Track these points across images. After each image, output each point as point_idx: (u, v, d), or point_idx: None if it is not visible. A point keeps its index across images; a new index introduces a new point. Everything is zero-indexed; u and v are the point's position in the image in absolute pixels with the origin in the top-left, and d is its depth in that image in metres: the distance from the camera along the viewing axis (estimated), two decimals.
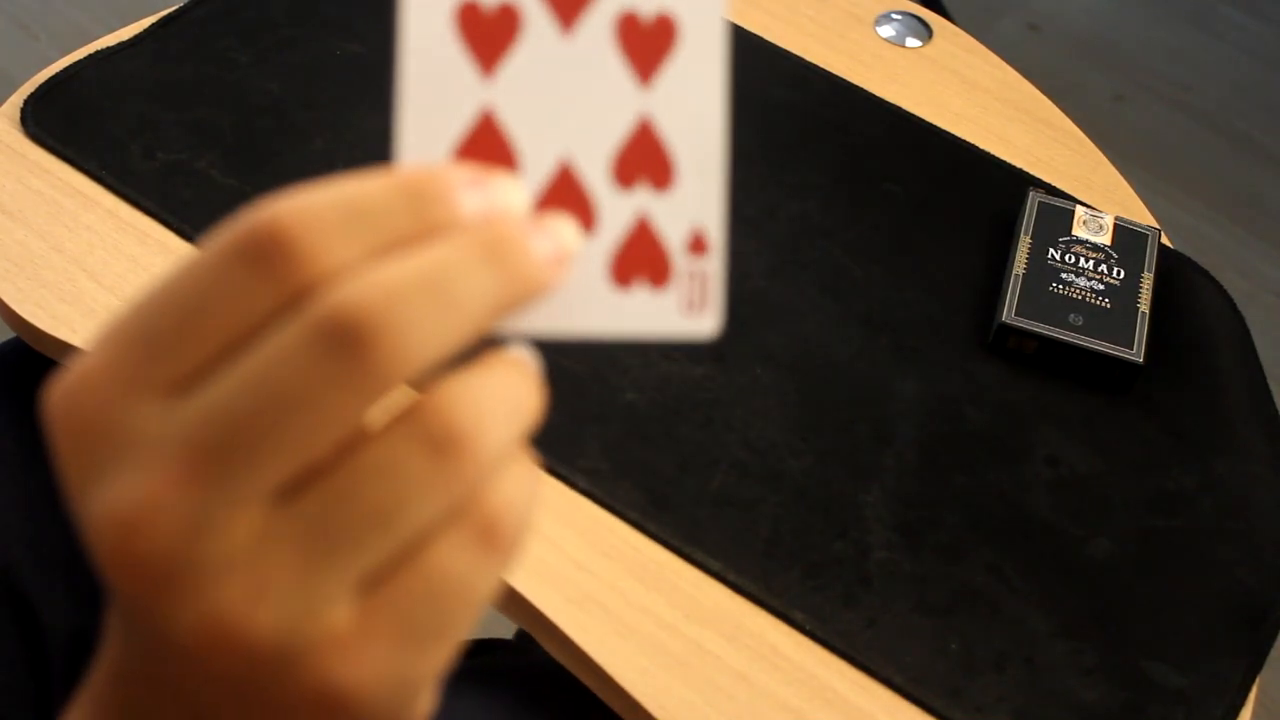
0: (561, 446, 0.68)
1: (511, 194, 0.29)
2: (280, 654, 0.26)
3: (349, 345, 0.25)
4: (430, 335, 0.26)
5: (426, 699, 0.28)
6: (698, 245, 0.31)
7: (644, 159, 0.30)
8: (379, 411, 0.26)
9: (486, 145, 0.30)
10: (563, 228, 0.29)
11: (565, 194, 0.30)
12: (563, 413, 0.69)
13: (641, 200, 0.30)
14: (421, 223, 0.27)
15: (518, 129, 0.30)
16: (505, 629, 1.10)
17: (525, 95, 0.30)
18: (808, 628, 0.63)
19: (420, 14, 0.29)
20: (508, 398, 0.27)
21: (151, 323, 0.26)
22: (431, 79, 0.29)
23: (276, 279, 0.25)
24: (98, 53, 0.83)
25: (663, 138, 0.30)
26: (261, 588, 0.25)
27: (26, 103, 0.79)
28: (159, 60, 0.84)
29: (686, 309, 0.31)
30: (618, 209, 0.30)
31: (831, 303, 0.77)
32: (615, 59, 0.30)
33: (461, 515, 0.27)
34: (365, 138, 0.81)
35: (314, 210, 0.26)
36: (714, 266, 0.31)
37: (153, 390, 0.26)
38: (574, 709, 0.64)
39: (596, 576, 0.64)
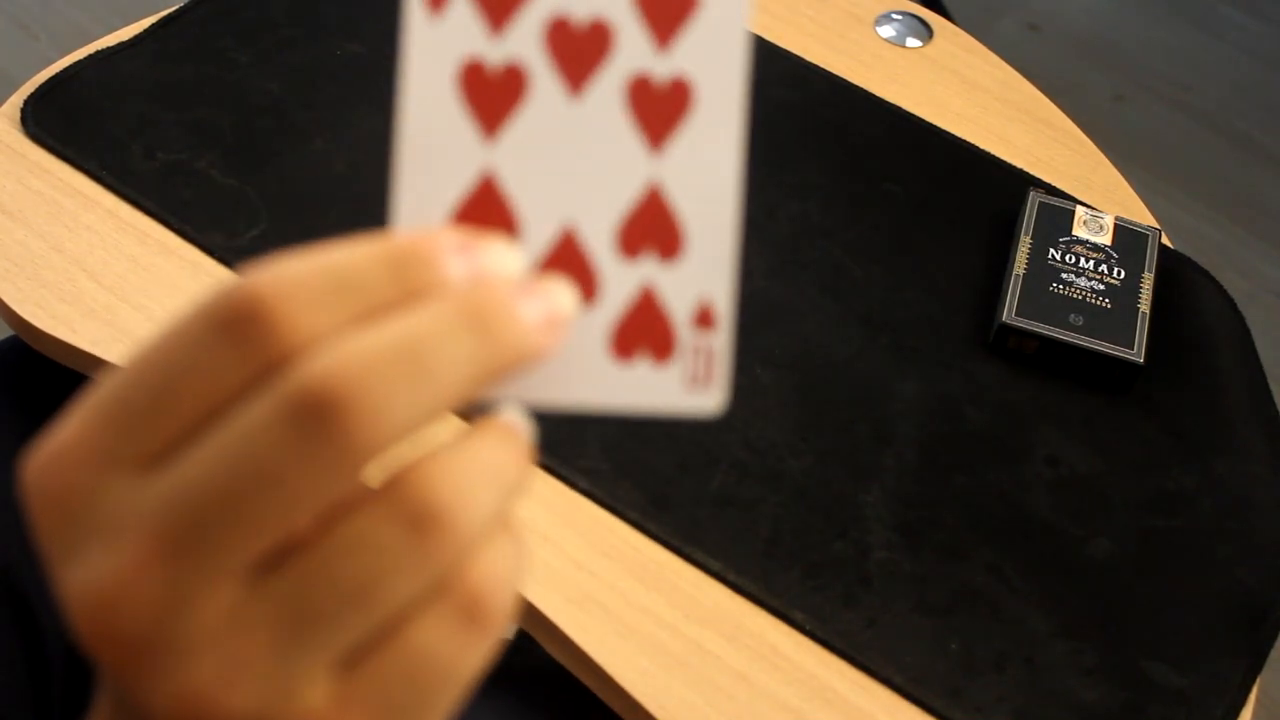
0: (561, 446, 0.68)
1: (504, 259, 0.28)
2: None
3: (320, 420, 0.24)
4: (406, 407, 0.25)
5: None
6: (704, 319, 0.30)
7: (651, 228, 0.29)
8: (374, 472, 0.26)
9: (486, 210, 0.29)
10: (557, 291, 0.28)
11: (567, 262, 0.29)
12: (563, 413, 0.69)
13: (647, 270, 0.29)
14: (404, 290, 0.26)
15: (520, 194, 0.29)
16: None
17: (529, 159, 0.29)
18: (808, 628, 0.63)
19: (422, 73, 0.28)
20: (492, 469, 0.26)
21: (127, 395, 0.25)
22: (431, 140, 0.28)
23: (251, 350, 0.25)
24: (98, 53, 0.83)
25: (672, 206, 0.29)
26: (236, 666, 0.25)
27: (26, 103, 0.79)
28: (159, 60, 0.84)
29: (690, 385, 0.30)
30: (621, 279, 0.29)
31: (831, 303, 0.77)
32: (625, 124, 0.29)
33: (443, 592, 0.26)
34: (365, 138, 0.81)
35: (292, 279, 0.25)
36: (720, 341, 0.30)
37: (127, 465, 0.25)
38: (574, 709, 0.64)
39: (596, 576, 0.64)
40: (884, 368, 0.74)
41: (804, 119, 0.87)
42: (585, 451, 0.68)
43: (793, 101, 0.88)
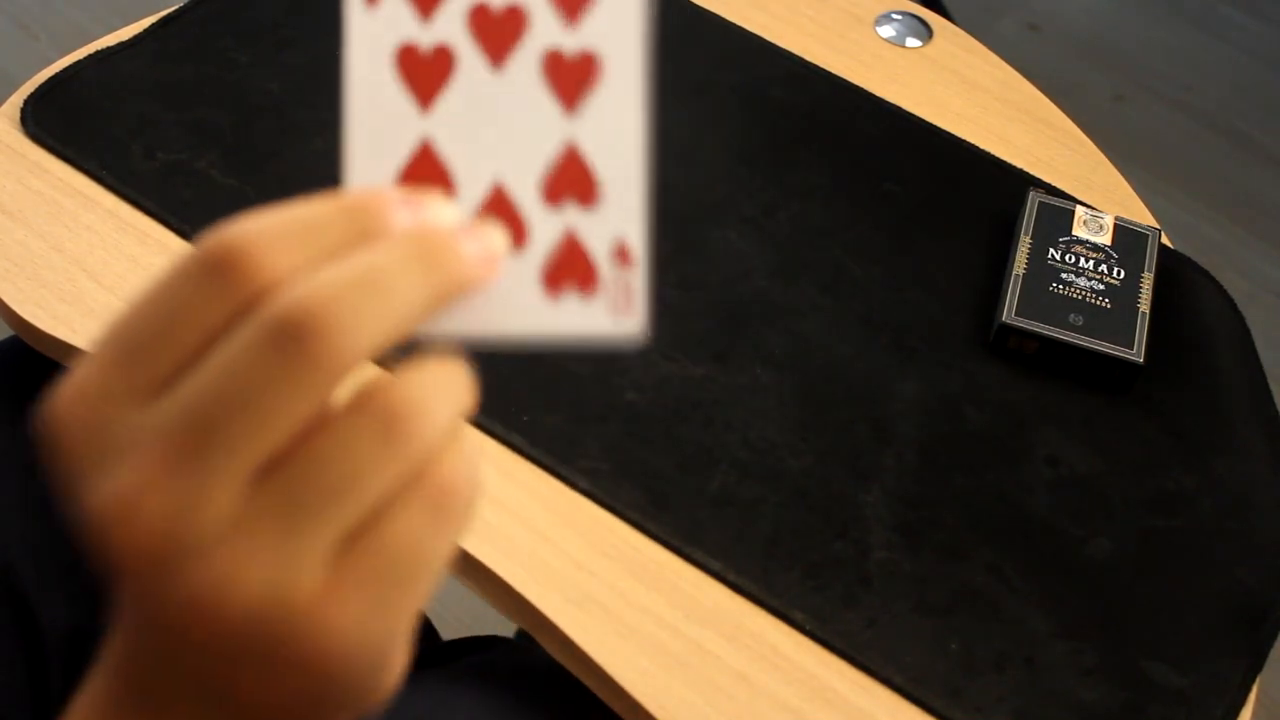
0: (561, 446, 0.68)
1: (442, 211, 0.32)
2: (265, 618, 0.29)
3: (296, 342, 0.28)
4: (369, 328, 0.29)
5: (398, 657, 0.31)
6: (622, 256, 0.33)
7: (571, 180, 0.33)
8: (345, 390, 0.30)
9: (426, 171, 0.33)
10: (490, 232, 0.33)
11: (499, 212, 0.33)
12: (563, 413, 0.69)
13: (570, 217, 0.33)
14: (359, 235, 0.30)
15: (454, 156, 0.33)
16: (506, 628, 1.10)
17: (460, 126, 0.33)
18: (808, 628, 0.63)
19: (363, 55, 0.33)
20: (444, 384, 0.30)
21: (128, 338, 0.29)
22: (375, 114, 0.33)
23: (231, 289, 0.29)
24: (98, 53, 0.83)
25: (587, 161, 0.33)
26: (243, 559, 0.28)
27: (26, 103, 0.79)
28: (159, 60, 0.84)
29: (613, 313, 0.33)
30: (548, 225, 0.33)
31: (831, 303, 0.77)
32: (543, 91, 0.33)
33: (415, 486, 0.30)
34: None
35: (261, 228, 0.29)
36: (638, 275, 0.34)
37: (134, 395, 0.29)
38: (574, 707, 0.64)
39: (596, 576, 0.64)
40: (884, 368, 0.74)
41: (804, 119, 0.87)
42: (585, 451, 0.68)
43: (793, 101, 0.88)
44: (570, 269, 0.33)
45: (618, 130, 0.33)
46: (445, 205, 0.33)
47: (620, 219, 0.33)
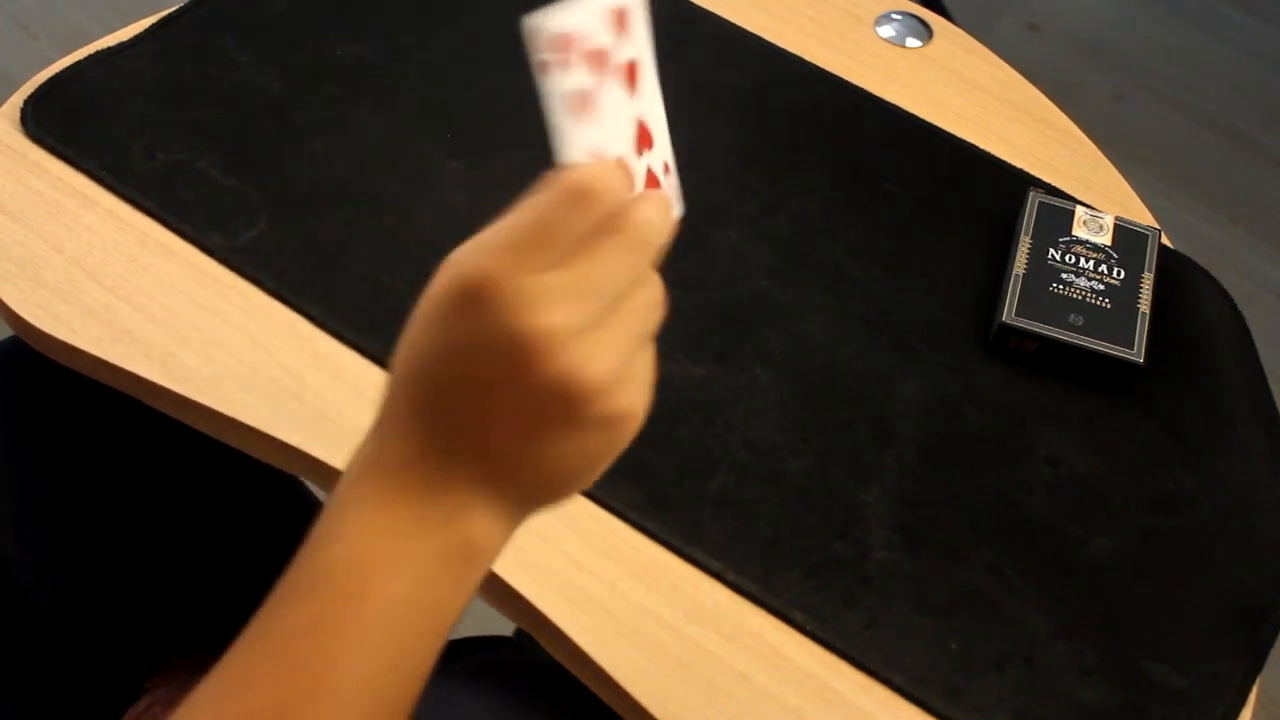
0: None
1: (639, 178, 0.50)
2: (603, 387, 0.44)
3: (640, 242, 0.45)
4: (665, 230, 0.46)
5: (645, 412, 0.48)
6: (666, 169, 0.51)
7: (644, 139, 0.50)
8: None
9: (639, 144, 0.49)
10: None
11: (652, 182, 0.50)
12: None
13: (646, 159, 0.50)
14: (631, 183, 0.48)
15: (612, 147, 0.48)
16: (506, 628, 1.10)
17: (609, 124, 0.48)
18: (808, 628, 0.63)
19: (557, 91, 0.46)
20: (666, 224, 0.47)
21: (519, 238, 0.44)
22: (574, 127, 0.47)
23: (590, 209, 0.44)
24: (98, 53, 0.83)
25: (647, 125, 0.50)
26: (610, 370, 0.44)
27: (26, 103, 0.79)
28: (159, 60, 0.84)
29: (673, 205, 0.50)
30: (639, 167, 0.50)
31: (831, 303, 0.77)
32: (622, 90, 0.49)
33: (658, 292, 0.47)
34: (365, 138, 0.81)
35: (596, 173, 0.45)
36: (674, 179, 0.51)
37: (533, 272, 0.43)
38: (575, 707, 0.64)
39: (596, 576, 0.64)
40: (884, 368, 0.74)
41: (804, 119, 0.87)
42: None
43: (793, 101, 0.88)
44: (653, 184, 0.50)
45: (651, 101, 0.49)
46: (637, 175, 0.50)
47: (662, 150, 0.50)
